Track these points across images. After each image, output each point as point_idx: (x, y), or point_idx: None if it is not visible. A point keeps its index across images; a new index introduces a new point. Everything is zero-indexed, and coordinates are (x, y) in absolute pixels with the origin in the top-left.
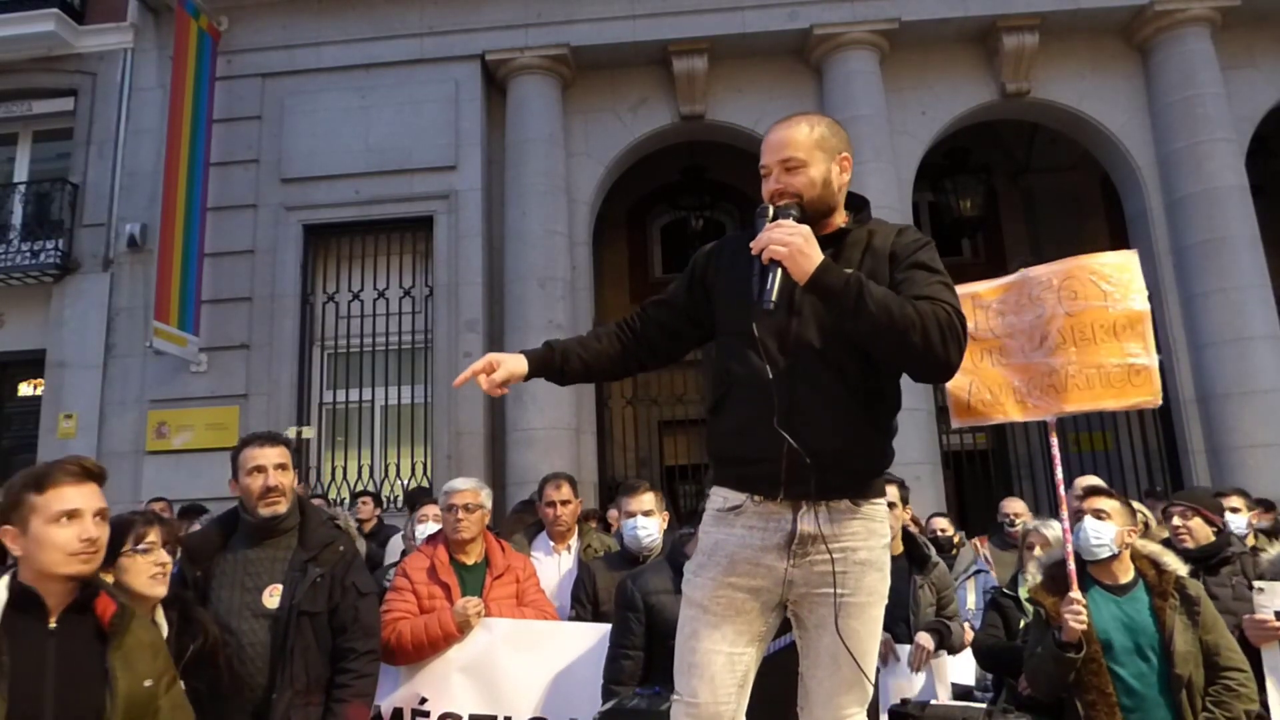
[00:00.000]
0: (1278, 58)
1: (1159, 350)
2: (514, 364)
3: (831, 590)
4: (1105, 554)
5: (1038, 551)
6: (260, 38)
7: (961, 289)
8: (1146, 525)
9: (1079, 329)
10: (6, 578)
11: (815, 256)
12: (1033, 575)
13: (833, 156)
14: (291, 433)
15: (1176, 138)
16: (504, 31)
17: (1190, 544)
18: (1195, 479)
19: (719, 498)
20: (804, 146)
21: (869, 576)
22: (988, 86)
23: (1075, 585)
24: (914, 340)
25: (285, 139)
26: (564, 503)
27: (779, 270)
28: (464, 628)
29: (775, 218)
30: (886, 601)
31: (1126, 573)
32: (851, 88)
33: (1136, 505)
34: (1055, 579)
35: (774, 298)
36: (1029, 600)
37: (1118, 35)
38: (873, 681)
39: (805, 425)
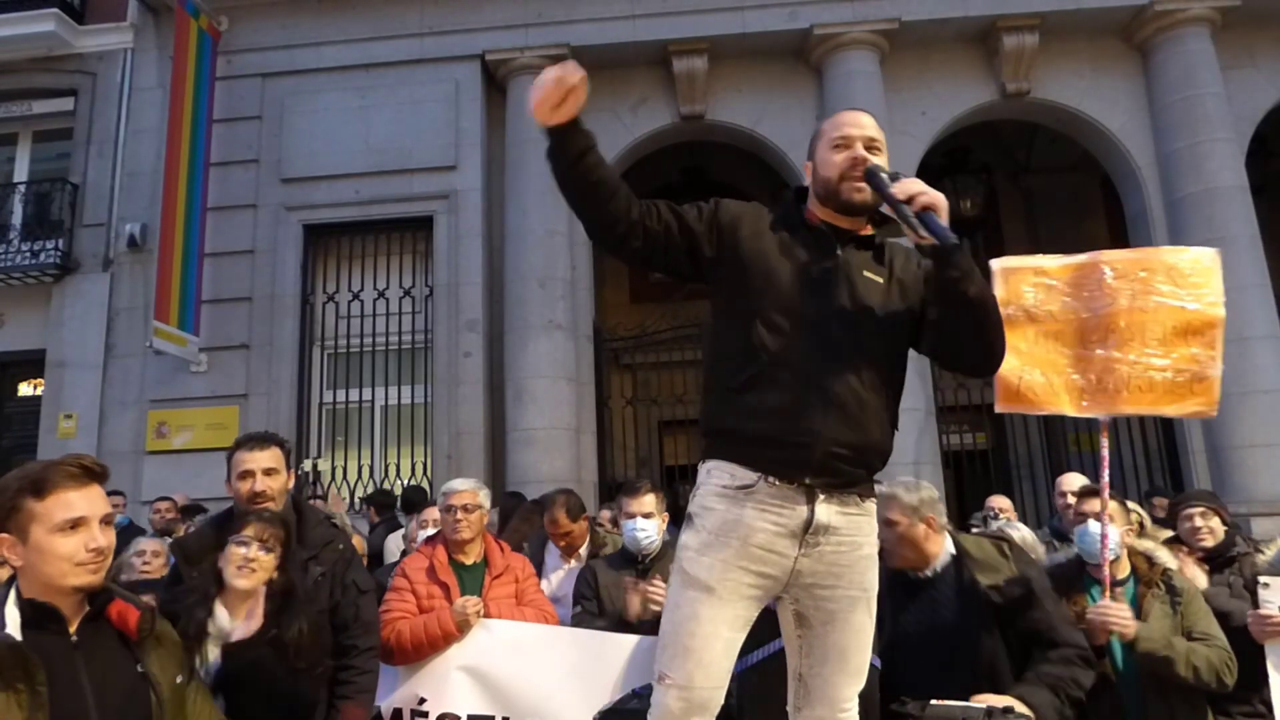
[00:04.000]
0: (1278, 58)
1: None
2: (579, 98)
3: (838, 585)
4: (1112, 557)
5: None
6: (260, 38)
7: (1025, 260)
8: (1142, 525)
9: (1149, 327)
10: (11, 595)
11: None
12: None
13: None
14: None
15: (1176, 138)
16: (504, 31)
17: (1210, 543)
18: (1195, 479)
19: (725, 474)
20: (881, 138)
21: (871, 571)
22: (988, 86)
23: (1108, 592)
24: (993, 320)
25: (285, 139)
26: (565, 533)
27: (936, 216)
28: (463, 627)
29: (893, 179)
30: None
31: (1123, 570)
32: (851, 88)
33: (1130, 505)
34: (1059, 580)
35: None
36: None
37: (1118, 35)
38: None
39: (845, 416)
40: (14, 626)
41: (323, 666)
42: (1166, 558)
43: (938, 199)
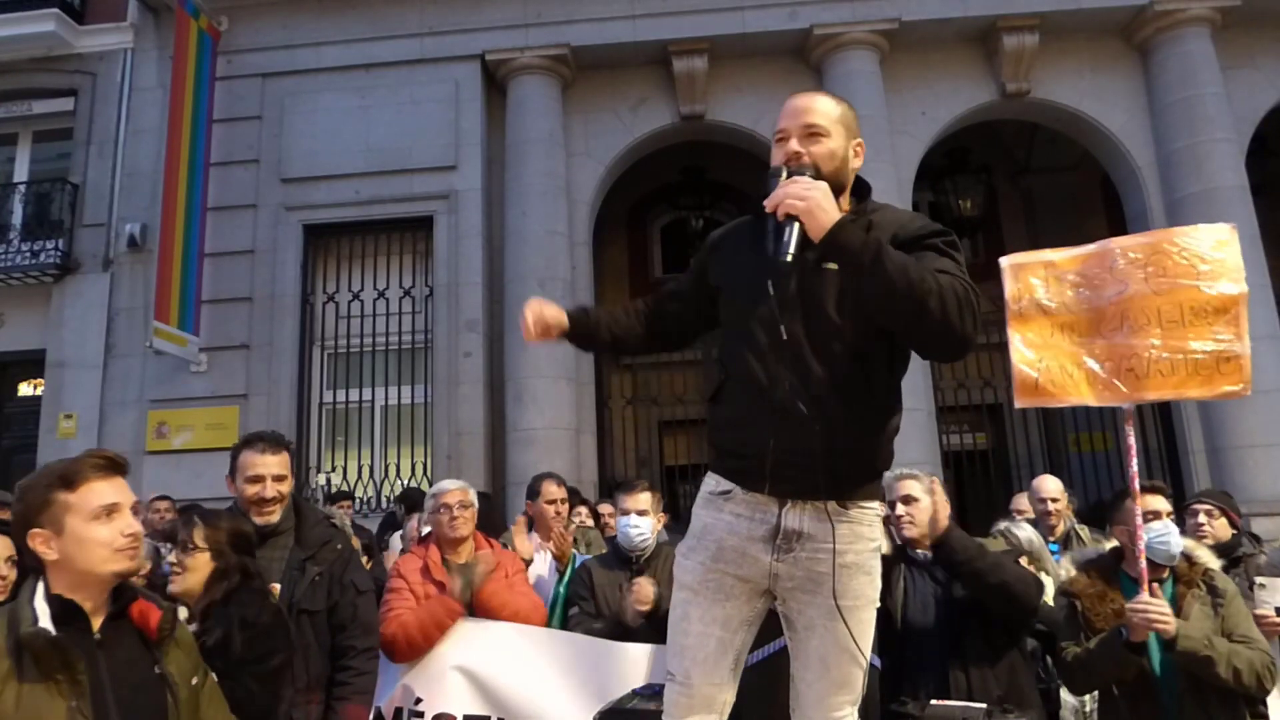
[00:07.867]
0: (1278, 58)
1: None
2: (558, 315)
3: (817, 592)
4: (1177, 553)
5: None
6: (260, 38)
7: (1034, 255)
8: None
9: (1166, 310)
10: (39, 592)
11: (834, 213)
12: (1066, 568)
13: (851, 136)
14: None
15: (1176, 138)
16: (504, 31)
17: (1210, 541)
18: (1195, 479)
19: (712, 481)
20: (828, 117)
21: (856, 580)
22: (988, 86)
23: (1147, 587)
24: (932, 306)
25: (285, 139)
26: (563, 500)
27: (796, 225)
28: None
29: (791, 176)
30: (878, 604)
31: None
32: (851, 88)
33: None
34: (1094, 572)
35: (792, 250)
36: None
37: (1118, 35)
38: (864, 680)
39: (794, 426)
40: (45, 620)
41: (278, 660)
42: (1207, 557)
43: (800, 207)
